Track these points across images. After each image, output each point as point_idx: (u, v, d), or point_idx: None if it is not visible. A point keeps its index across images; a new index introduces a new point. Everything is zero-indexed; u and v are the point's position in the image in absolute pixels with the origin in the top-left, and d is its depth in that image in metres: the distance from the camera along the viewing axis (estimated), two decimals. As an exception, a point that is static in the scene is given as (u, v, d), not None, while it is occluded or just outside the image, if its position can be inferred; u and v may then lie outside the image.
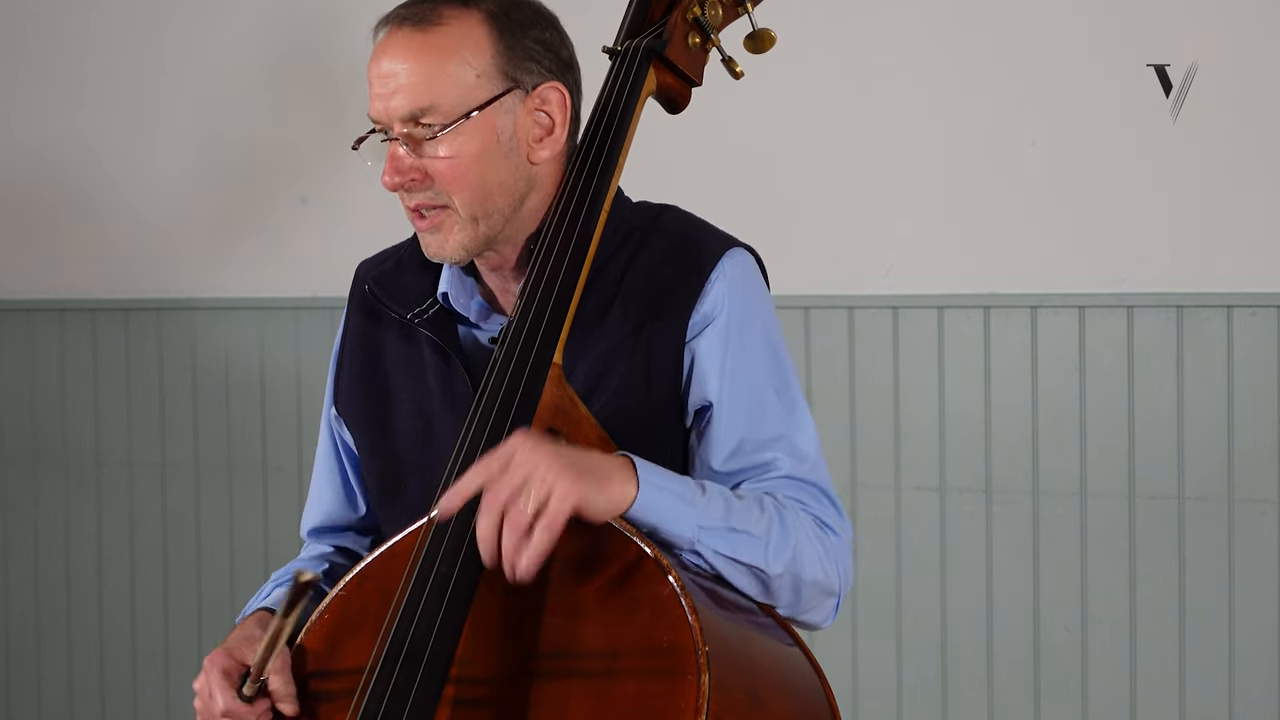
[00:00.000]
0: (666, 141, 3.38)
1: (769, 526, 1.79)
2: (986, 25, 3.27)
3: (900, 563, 3.35)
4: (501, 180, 1.87)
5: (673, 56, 1.95)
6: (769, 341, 1.92)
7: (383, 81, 1.86)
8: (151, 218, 4.06)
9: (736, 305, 1.89)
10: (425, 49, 1.84)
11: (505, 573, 1.65)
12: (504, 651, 1.69)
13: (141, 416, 4.08)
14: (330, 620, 1.82)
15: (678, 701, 1.59)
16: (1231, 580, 3.11)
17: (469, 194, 1.86)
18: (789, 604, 1.84)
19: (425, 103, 1.83)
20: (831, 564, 1.85)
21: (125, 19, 4.07)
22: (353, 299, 2.06)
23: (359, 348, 2.03)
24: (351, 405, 2.03)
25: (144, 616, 4.09)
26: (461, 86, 1.84)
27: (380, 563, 1.80)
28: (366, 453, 2.02)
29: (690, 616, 1.61)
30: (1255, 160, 3.09)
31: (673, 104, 2.01)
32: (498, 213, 1.88)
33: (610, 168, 1.88)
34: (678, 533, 1.74)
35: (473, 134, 1.84)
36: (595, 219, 1.85)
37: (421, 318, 1.96)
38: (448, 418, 1.92)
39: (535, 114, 1.88)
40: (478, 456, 1.70)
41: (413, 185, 1.86)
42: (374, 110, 1.87)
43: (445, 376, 1.94)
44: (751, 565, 1.78)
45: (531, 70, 1.88)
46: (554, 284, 1.81)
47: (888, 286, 3.35)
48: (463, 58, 1.84)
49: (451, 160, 1.85)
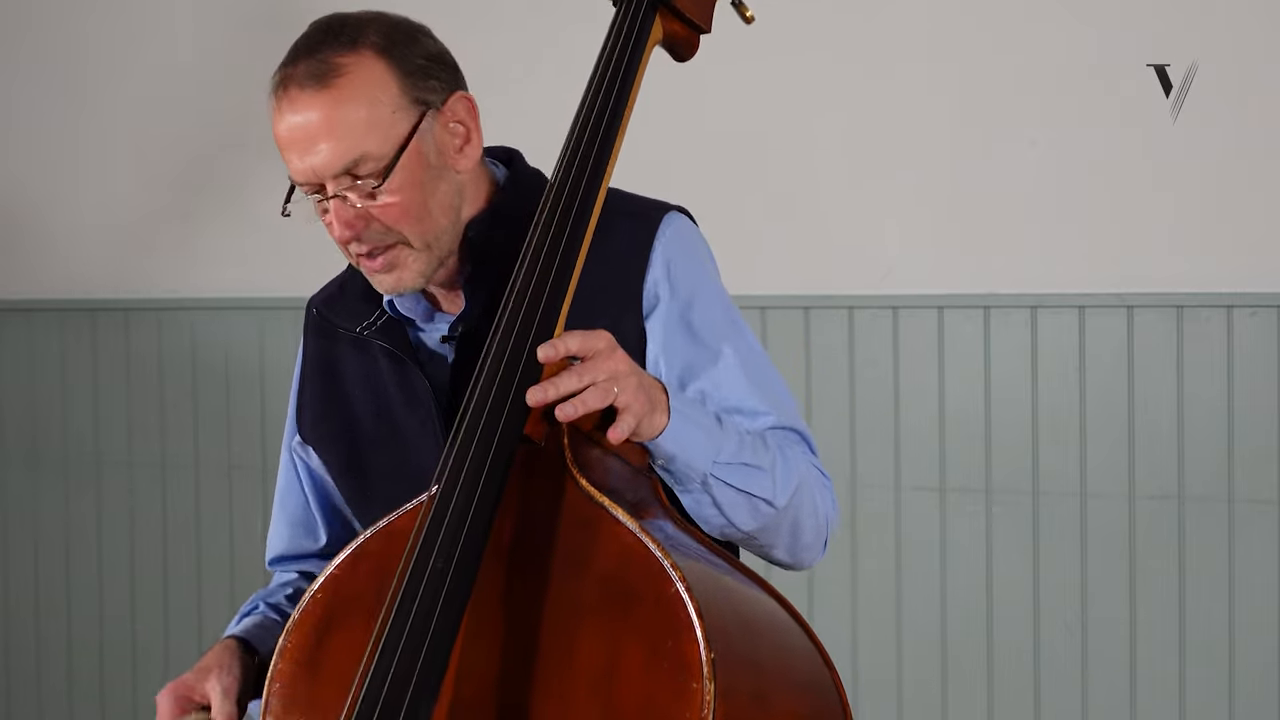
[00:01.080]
0: (665, 141, 3.39)
1: (774, 461, 1.82)
2: (987, 25, 3.26)
3: (900, 563, 3.35)
4: (440, 200, 1.88)
5: (679, 3, 1.91)
6: (724, 306, 1.94)
7: (301, 145, 1.85)
8: (151, 218, 4.06)
9: (682, 278, 1.91)
10: (335, 103, 1.84)
11: (542, 405, 1.66)
12: (505, 642, 1.67)
13: (141, 416, 4.08)
14: (323, 600, 1.78)
15: (681, 709, 1.57)
16: (1231, 580, 3.11)
17: (419, 225, 1.87)
18: (787, 544, 1.88)
19: (355, 154, 1.84)
20: (825, 502, 1.90)
21: (128, 11, 4.07)
22: (306, 329, 2.10)
23: (317, 373, 2.05)
24: (318, 429, 2.04)
25: (144, 616, 4.08)
26: (383, 127, 1.84)
27: (376, 541, 1.77)
28: (340, 471, 2.03)
29: (696, 620, 1.58)
30: (1255, 160, 3.09)
31: (679, 53, 1.97)
32: (444, 232, 1.89)
33: (617, 121, 1.85)
34: (695, 464, 1.76)
35: (407, 168, 1.85)
36: (601, 174, 1.82)
37: (372, 329, 1.97)
38: (410, 421, 1.94)
39: (450, 126, 1.89)
40: (473, 446, 1.68)
41: (364, 233, 1.86)
42: (298, 173, 1.87)
43: (403, 380, 1.95)
44: (761, 497, 1.81)
45: (434, 88, 1.88)
46: (556, 250, 1.78)
47: (888, 286, 3.35)
48: (374, 99, 1.84)
49: (397, 199, 1.85)
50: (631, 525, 1.65)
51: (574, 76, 1.99)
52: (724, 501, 1.80)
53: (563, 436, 1.70)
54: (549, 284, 1.76)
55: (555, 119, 2.07)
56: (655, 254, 1.91)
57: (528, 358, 1.70)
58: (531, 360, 1.70)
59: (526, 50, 3.62)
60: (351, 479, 2.02)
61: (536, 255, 1.77)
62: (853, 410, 3.37)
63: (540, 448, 1.71)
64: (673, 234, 1.93)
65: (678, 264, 1.92)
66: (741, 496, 1.80)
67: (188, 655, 4.01)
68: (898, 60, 3.33)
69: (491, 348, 1.74)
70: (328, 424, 2.03)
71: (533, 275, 1.76)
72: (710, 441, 1.77)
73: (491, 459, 1.68)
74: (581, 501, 1.68)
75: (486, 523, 1.67)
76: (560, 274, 1.77)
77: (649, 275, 1.91)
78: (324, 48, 1.86)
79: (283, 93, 1.86)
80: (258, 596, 2.12)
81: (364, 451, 1.99)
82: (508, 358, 1.72)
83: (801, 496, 1.86)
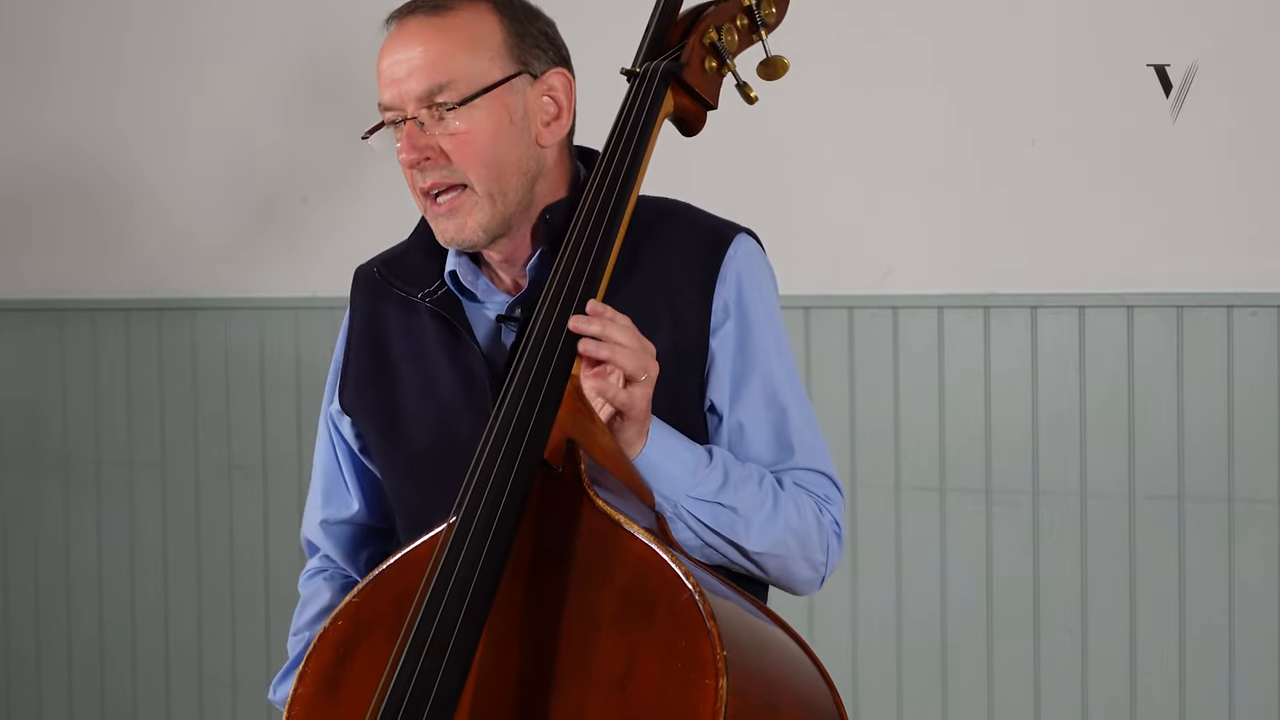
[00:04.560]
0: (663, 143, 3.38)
1: (759, 505, 1.91)
2: (986, 25, 3.26)
3: (900, 563, 3.35)
4: (515, 159, 1.93)
5: (690, 79, 1.99)
6: (776, 336, 2.01)
7: (396, 66, 1.91)
8: (151, 218, 4.07)
9: (749, 301, 1.98)
10: (439, 31, 1.91)
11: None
12: (523, 656, 1.69)
13: (141, 416, 4.08)
14: (343, 626, 1.81)
15: (696, 706, 1.59)
16: (1231, 580, 3.11)
17: (485, 170, 1.91)
18: (775, 576, 1.96)
19: (441, 79, 1.89)
20: (820, 547, 1.97)
21: (117, 18, 4.07)
22: (357, 294, 2.10)
23: (365, 340, 2.07)
24: (363, 399, 2.07)
25: (144, 616, 4.09)
26: (475, 65, 1.91)
27: (396, 569, 1.81)
28: (380, 442, 2.06)
29: (709, 622, 1.62)
30: (1255, 160, 3.09)
31: (687, 126, 2.06)
32: (512, 191, 1.94)
33: (629, 187, 1.90)
34: (666, 494, 1.85)
35: (487, 111, 1.91)
36: (612, 240, 1.86)
37: (431, 297, 2.00)
38: (460, 395, 1.97)
39: (543, 98, 1.96)
40: (495, 470, 1.73)
41: (428, 164, 1.91)
42: (386, 96, 1.92)
43: (456, 354, 1.98)
44: (730, 540, 1.89)
45: (539, 57, 1.95)
46: (569, 307, 1.81)
47: (888, 286, 3.35)
48: (475, 39, 1.91)
49: (468, 135, 1.90)
50: (646, 539, 1.69)
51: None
52: (696, 531, 1.89)
53: (579, 463, 1.76)
54: (559, 348, 1.79)
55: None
56: (727, 271, 1.98)
57: (548, 388, 1.76)
58: (553, 390, 1.76)
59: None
60: (392, 452, 2.05)
61: (549, 315, 1.81)
62: (853, 410, 3.37)
63: (558, 473, 1.76)
64: (744, 254, 2.01)
65: (747, 286, 1.99)
66: (707, 531, 1.89)
67: (188, 655, 4.01)
68: (898, 60, 3.33)
69: (515, 373, 1.79)
70: (375, 394, 2.06)
71: (543, 339, 1.79)
72: (689, 478, 1.86)
73: (512, 485, 1.72)
74: (598, 519, 1.72)
75: (507, 543, 1.71)
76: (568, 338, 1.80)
77: (718, 293, 1.98)
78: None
79: (397, 22, 1.94)
80: (306, 617, 2.16)
81: (407, 423, 2.02)
82: (529, 386, 1.76)
83: (787, 546, 1.93)
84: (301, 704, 1.80)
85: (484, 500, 1.72)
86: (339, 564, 2.17)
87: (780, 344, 2.01)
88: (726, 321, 1.97)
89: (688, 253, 1.98)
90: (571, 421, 1.77)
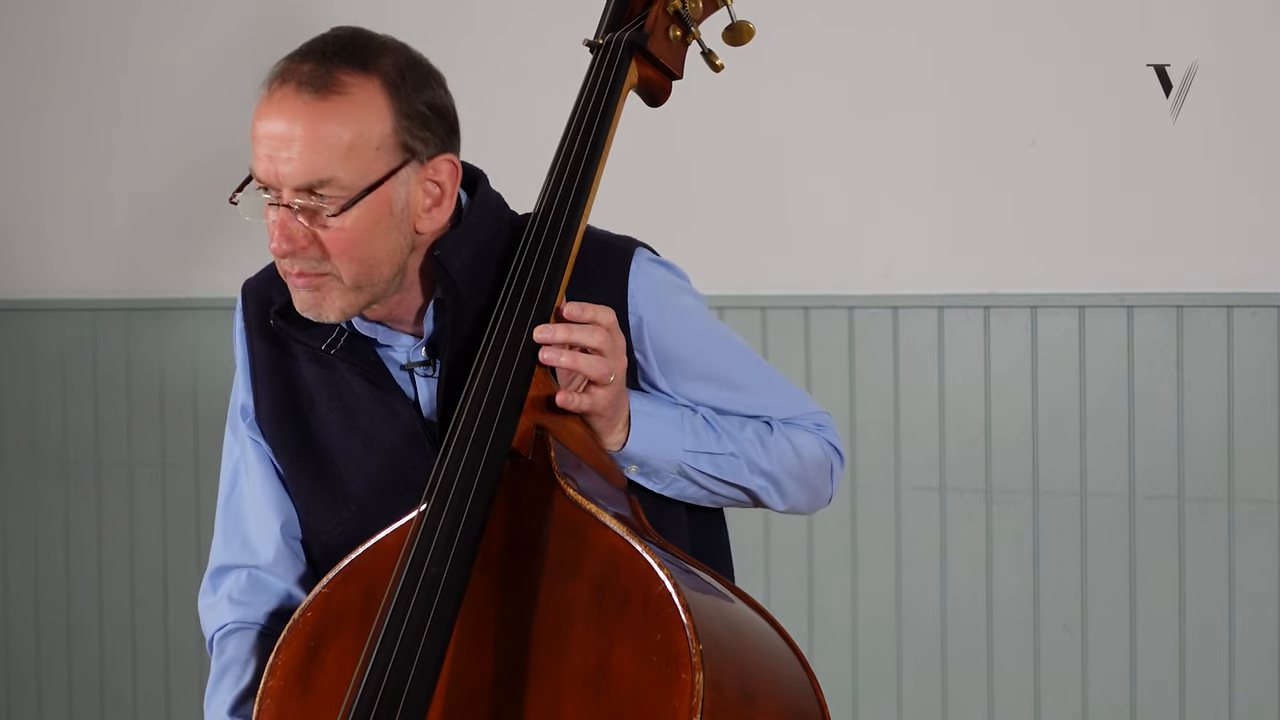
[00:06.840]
0: (663, 142, 3.39)
1: (756, 442, 1.93)
2: (987, 25, 3.26)
3: (900, 563, 3.35)
4: (389, 250, 1.83)
5: (654, 49, 1.95)
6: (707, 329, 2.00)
7: (276, 144, 1.79)
8: (151, 218, 4.06)
9: (655, 313, 1.94)
10: (323, 119, 1.78)
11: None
12: (496, 651, 1.68)
13: (141, 416, 4.08)
14: (313, 618, 1.79)
15: (672, 701, 1.58)
16: (1231, 580, 3.11)
17: (357, 266, 1.82)
18: (789, 504, 1.98)
19: (324, 175, 1.78)
20: (819, 465, 1.99)
21: (115, 17, 4.07)
22: (251, 324, 2.03)
23: (273, 375, 1.99)
24: (280, 434, 1.99)
25: (144, 616, 4.08)
26: (361, 161, 1.79)
27: (365, 560, 1.79)
28: (295, 474, 1.98)
29: (684, 615, 1.61)
30: (1255, 160, 3.09)
31: (653, 97, 2.01)
32: (381, 280, 1.84)
33: (594, 162, 1.87)
34: (666, 459, 1.86)
35: (368, 207, 1.80)
36: (580, 213, 1.85)
37: (336, 346, 1.91)
38: (390, 436, 1.90)
39: (426, 184, 1.85)
40: (463, 461, 1.72)
41: (301, 252, 1.81)
42: (262, 171, 1.81)
43: (381, 399, 1.91)
44: (737, 484, 1.92)
45: (427, 140, 1.83)
46: (538, 283, 1.81)
47: (888, 286, 3.35)
48: (363, 130, 1.79)
49: (344, 233, 1.79)
50: (619, 529, 1.68)
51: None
52: (705, 484, 1.91)
53: (549, 450, 1.74)
54: (530, 319, 1.78)
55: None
56: (631, 284, 1.92)
57: (513, 382, 1.75)
58: (519, 382, 1.75)
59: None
60: (307, 482, 1.97)
61: (518, 293, 1.80)
62: (853, 410, 3.37)
63: (527, 461, 1.74)
64: (643, 268, 1.94)
65: (653, 296, 1.94)
66: (717, 483, 1.91)
67: (188, 655, 4.01)
68: (897, 60, 3.33)
69: (479, 371, 1.77)
70: (289, 432, 1.98)
71: (513, 314, 1.78)
72: (679, 434, 1.88)
73: (481, 473, 1.70)
74: (569, 509, 1.70)
75: (477, 534, 1.69)
76: (540, 310, 1.79)
77: (629, 302, 1.92)
78: (336, 60, 1.81)
79: (278, 86, 1.81)
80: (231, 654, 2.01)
81: (330, 459, 1.95)
82: (493, 382, 1.75)
83: (786, 466, 1.95)
84: (272, 697, 1.78)
85: (453, 489, 1.70)
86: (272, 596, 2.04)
87: (713, 331, 1.99)
88: (644, 339, 1.92)
89: (597, 272, 1.92)
90: (540, 406, 1.76)
